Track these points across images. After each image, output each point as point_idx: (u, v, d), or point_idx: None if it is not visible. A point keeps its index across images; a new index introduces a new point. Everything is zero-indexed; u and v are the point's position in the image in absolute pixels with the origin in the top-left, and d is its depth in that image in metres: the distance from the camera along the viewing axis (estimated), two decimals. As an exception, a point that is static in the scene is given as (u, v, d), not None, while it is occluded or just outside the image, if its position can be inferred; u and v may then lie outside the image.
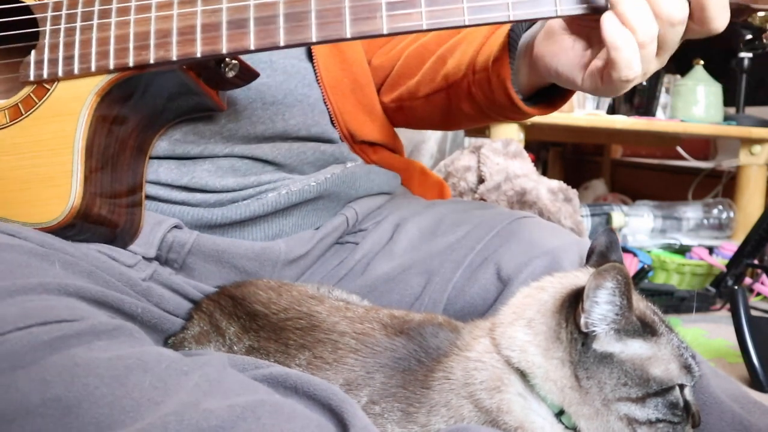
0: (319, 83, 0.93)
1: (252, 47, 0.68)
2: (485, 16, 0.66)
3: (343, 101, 0.95)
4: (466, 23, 0.66)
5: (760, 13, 0.67)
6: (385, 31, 0.67)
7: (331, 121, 0.95)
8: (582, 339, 0.58)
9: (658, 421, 0.57)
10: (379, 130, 1.01)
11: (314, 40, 0.68)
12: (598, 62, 0.69)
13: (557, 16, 0.67)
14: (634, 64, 0.64)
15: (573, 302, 0.59)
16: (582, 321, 0.57)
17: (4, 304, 0.54)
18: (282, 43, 0.68)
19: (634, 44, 0.64)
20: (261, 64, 0.87)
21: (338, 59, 0.95)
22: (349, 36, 0.67)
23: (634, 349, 0.58)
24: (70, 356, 0.52)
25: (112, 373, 0.52)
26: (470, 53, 0.88)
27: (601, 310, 0.57)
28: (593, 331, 0.57)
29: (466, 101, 0.91)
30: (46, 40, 0.71)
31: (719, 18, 0.65)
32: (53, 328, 0.54)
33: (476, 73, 0.86)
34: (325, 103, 0.93)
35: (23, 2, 0.73)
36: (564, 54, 0.73)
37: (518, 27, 0.82)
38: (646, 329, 0.59)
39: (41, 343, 0.52)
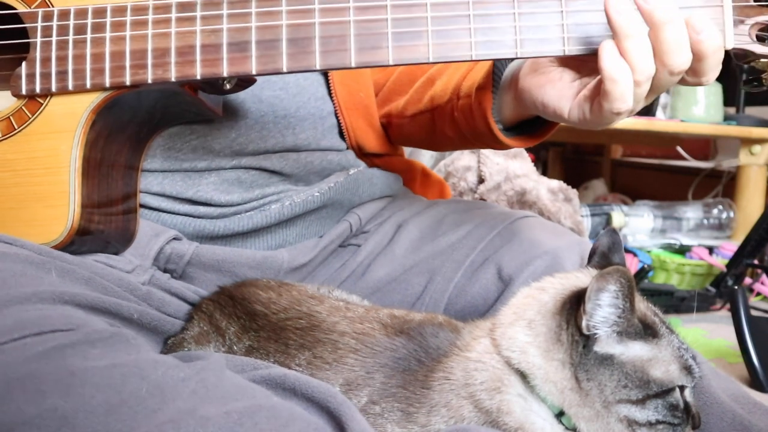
0: (332, 97, 0.93)
1: (254, 72, 0.67)
2: (492, 52, 0.66)
3: (356, 115, 0.95)
4: (473, 58, 0.66)
5: (763, 59, 0.67)
6: (390, 62, 0.66)
7: (340, 135, 0.95)
8: (583, 341, 0.58)
9: (658, 422, 0.57)
10: (381, 143, 1.01)
11: (318, 67, 0.66)
12: (586, 92, 0.69)
13: (564, 56, 0.67)
14: (628, 97, 0.64)
15: (574, 304, 0.59)
16: (583, 323, 0.57)
17: None
18: (285, 69, 0.66)
19: (631, 79, 0.64)
20: (274, 77, 0.87)
21: (351, 72, 0.95)
22: (353, 65, 0.66)
23: (635, 350, 0.58)
24: (66, 366, 0.52)
25: (107, 382, 0.52)
26: (456, 78, 0.88)
27: (603, 313, 0.57)
28: (595, 334, 0.57)
29: (450, 125, 0.90)
30: (37, 53, 0.69)
31: (713, 73, 0.66)
32: (48, 338, 0.53)
33: (460, 99, 0.86)
34: (336, 117, 0.93)
35: (13, 9, 0.71)
36: (551, 85, 0.72)
37: (504, 62, 0.82)
38: (648, 331, 0.59)
39: (36, 354, 0.52)
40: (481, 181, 1.70)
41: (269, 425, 0.52)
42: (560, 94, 0.71)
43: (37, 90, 0.69)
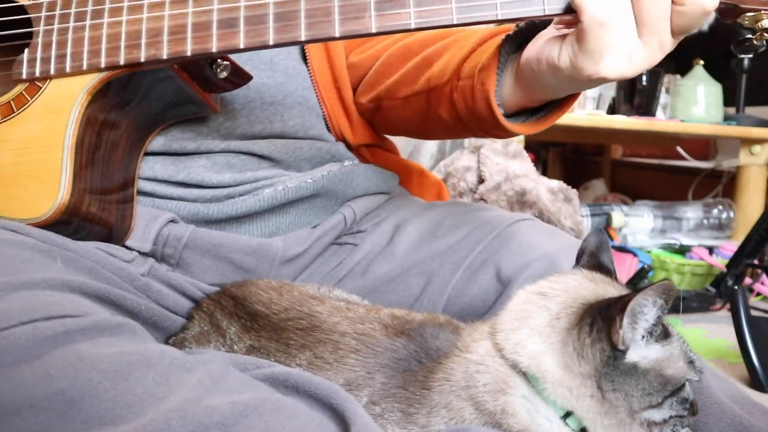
0: (314, 87, 0.93)
1: (242, 46, 0.69)
2: (474, 15, 0.67)
3: (335, 104, 0.95)
4: (455, 22, 0.67)
5: (749, 14, 0.65)
6: (373, 30, 0.68)
7: (326, 125, 0.95)
8: (613, 354, 0.57)
9: (671, 417, 0.58)
10: (360, 133, 1.00)
11: (303, 39, 0.68)
12: (575, 33, 0.69)
13: (545, 16, 0.67)
14: (602, 6, 0.64)
15: (596, 317, 0.57)
16: (620, 339, 0.56)
17: (8, 299, 0.55)
18: (271, 42, 0.69)
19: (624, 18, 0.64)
20: (261, 65, 0.87)
21: (329, 63, 0.95)
22: (338, 35, 0.68)
23: (654, 353, 0.58)
24: (74, 351, 0.53)
25: (115, 369, 0.52)
26: (458, 59, 0.87)
27: (645, 326, 0.56)
28: (628, 347, 0.56)
29: (446, 108, 0.89)
30: (39, 39, 0.72)
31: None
32: (57, 324, 0.54)
33: (461, 80, 0.85)
34: (320, 106, 0.94)
35: (17, 2, 0.73)
36: (544, 39, 0.73)
37: (509, 46, 0.81)
38: (665, 332, 0.59)
39: (45, 338, 0.53)
40: (480, 181, 1.71)
41: (273, 417, 0.52)
42: (552, 42, 0.72)
43: (37, 73, 0.72)
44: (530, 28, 0.78)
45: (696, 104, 2.23)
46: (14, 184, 0.70)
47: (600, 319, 0.57)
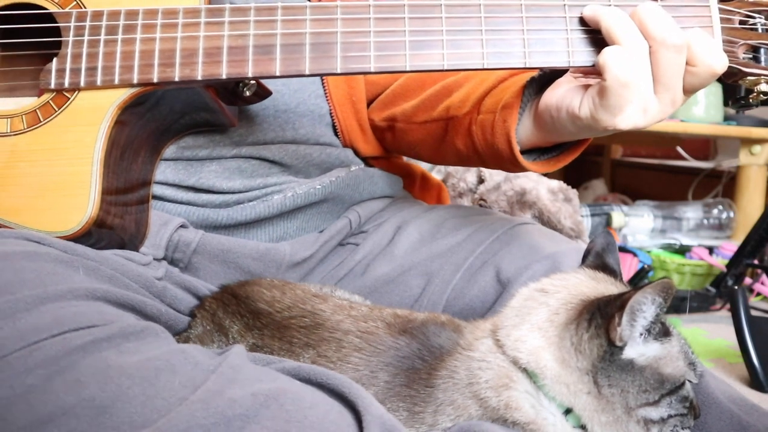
0: (327, 98, 0.94)
1: (277, 73, 0.70)
2: (502, 61, 0.70)
3: (349, 117, 0.96)
4: (484, 66, 0.70)
5: (750, 78, 0.71)
6: (407, 69, 0.70)
7: (335, 133, 0.96)
8: (610, 350, 0.57)
9: (670, 416, 0.58)
10: (371, 147, 1.01)
11: (339, 71, 0.70)
12: (596, 86, 0.71)
13: (570, 67, 0.70)
14: (625, 69, 0.67)
15: (594, 314, 0.58)
16: (617, 335, 0.57)
17: (37, 312, 0.56)
18: (307, 72, 0.70)
19: (622, 52, 0.67)
20: None
21: (344, 78, 0.95)
22: (373, 70, 0.70)
23: (652, 351, 0.58)
24: (103, 359, 0.54)
25: (142, 374, 0.54)
26: (479, 92, 0.88)
27: (643, 323, 0.57)
28: (626, 343, 0.57)
29: (463, 138, 0.90)
30: (69, 50, 0.71)
31: (713, 56, 0.68)
32: (85, 333, 0.55)
33: (481, 113, 0.86)
34: (332, 116, 0.94)
35: (46, 9, 0.73)
36: (564, 88, 0.75)
37: (532, 88, 0.82)
38: (664, 331, 0.59)
39: (75, 348, 0.54)
40: (480, 181, 1.71)
41: (294, 407, 0.54)
42: (573, 93, 0.74)
43: (66, 84, 0.71)
44: (552, 72, 0.80)
45: (696, 104, 2.23)
46: (42, 196, 0.70)
47: (599, 316, 0.58)
